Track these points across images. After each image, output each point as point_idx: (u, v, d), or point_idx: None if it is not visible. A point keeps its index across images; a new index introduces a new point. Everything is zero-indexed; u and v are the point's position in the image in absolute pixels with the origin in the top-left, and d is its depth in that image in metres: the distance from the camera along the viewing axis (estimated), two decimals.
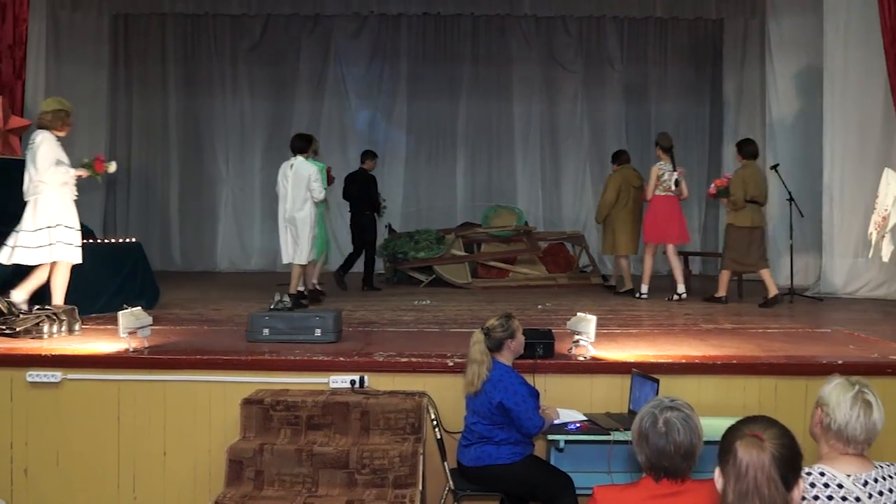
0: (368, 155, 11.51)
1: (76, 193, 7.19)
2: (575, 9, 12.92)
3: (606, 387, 5.50)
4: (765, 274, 9.28)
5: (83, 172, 7.27)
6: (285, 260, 9.29)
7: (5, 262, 6.88)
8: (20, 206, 8.24)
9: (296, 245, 9.07)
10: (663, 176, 9.74)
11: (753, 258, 9.27)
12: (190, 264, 14.36)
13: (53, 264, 6.92)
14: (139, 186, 14.57)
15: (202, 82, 14.66)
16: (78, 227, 7.10)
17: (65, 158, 7.10)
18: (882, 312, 8.70)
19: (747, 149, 9.42)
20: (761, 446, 2.24)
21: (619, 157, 10.89)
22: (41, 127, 7.08)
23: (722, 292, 9.38)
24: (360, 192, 11.07)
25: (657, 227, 9.87)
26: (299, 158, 9.22)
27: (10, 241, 6.88)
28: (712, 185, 9.56)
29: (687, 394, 4.33)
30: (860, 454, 2.79)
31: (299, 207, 9.06)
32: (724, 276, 9.43)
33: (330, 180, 9.91)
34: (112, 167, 7.52)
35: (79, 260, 7.06)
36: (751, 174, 9.25)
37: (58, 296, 7.00)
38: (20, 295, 6.85)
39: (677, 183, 9.73)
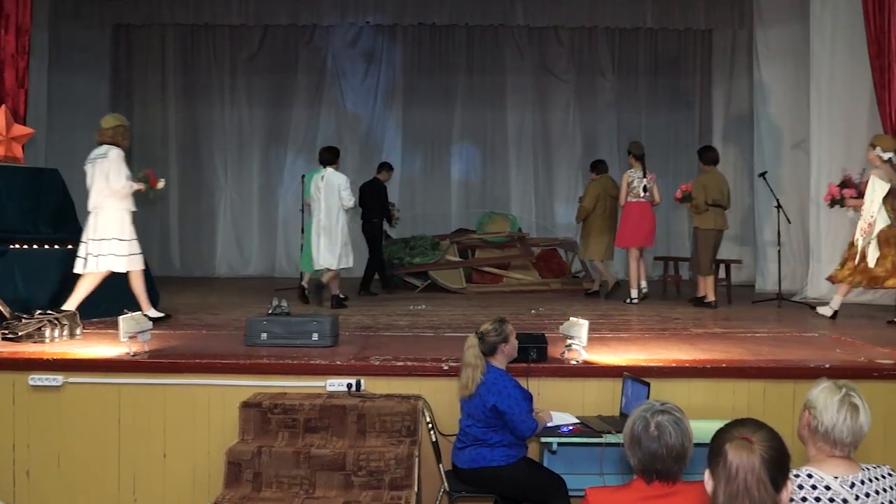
0: (384, 167, 11.66)
1: (134, 207, 7.62)
2: (567, 20, 12.96)
3: (598, 390, 5.50)
4: (708, 280, 9.57)
5: (142, 187, 7.71)
6: (316, 266, 9.39)
7: (81, 271, 7.36)
8: (23, 211, 8.28)
9: (330, 252, 9.23)
10: (633, 182, 9.93)
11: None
12: (189, 270, 14.35)
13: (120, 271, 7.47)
14: (139, 194, 14.49)
15: (201, 92, 14.66)
16: (132, 236, 7.56)
17: (129, 173, 7.52)
18: (868, 317, 8.70)
19: (707, 155, 9.73)
20: (751, 449, 2.24)
21: (598, 167, 11.13)
22: (104, 143, 7.47)
23: (711, 297, 9.45)
24: (371, 202, 11.11)
25: (629, 232, 10.07)
26: (329, 170, 9.42)
27: (82, 251, 7.39)
28: (678, 190, 9.77)
29: (677, 397, 4.35)
30: (847, 456, 2.79)
31: (334, 216, 9.25)
32: (710, 282, 9.52)
33: None
34: (161, 184, 7.98)
35: (123, 269, 7.48)
36: (711, 179, 9.51)
37: (74, 300, 7.30)
38: (151, 311, 7.52)
39: (646, 188, 9.91)
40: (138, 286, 7.64)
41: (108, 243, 7.35)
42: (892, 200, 8.15)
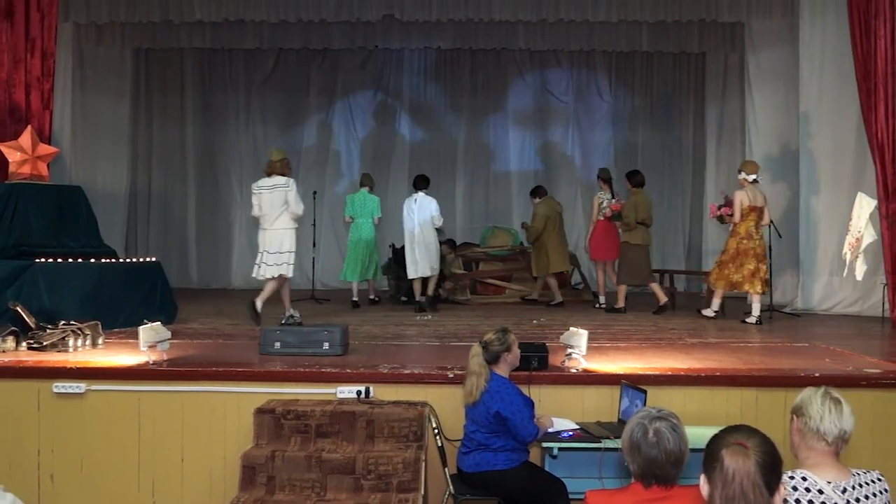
0: (449, 242, 12.18)
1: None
2: (566, 43, 12.96)
3: (597, 397, 5.50)
4: (654, 287, 10.12)
5: None
6: (411, 275, 10.30)
7: (257, 276, 8.52)
8: (48, 226, 8.30)
9: (426, 262, 10.15)
10: (602, 203, 10.47)
11: (644, 273, 10.11)
12: (206, 282, 14.37)
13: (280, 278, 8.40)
14: (158, 209, 14.58)
15: (218, 112, 14.73)
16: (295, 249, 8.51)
17: None
18: (856, 328, 8.68)
19: (636, 178, 10.28)
20: (746, 454, 2.24)
21: (539, 192, 11.44)
22: (274, 173, 8.53)
23: (621, 304, 10.04)
24: None
25: (598, 247, 10.61)
26: (420, 194, 10.37)
27: (259, 260, 8.46)
28: (609, 210, 10.29)
29: (673, 404, 4.35)
30: (837, 458, 2.80)
31: (426, 232, 10.16)
32: (623, 290, 10.11)
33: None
34: None
35: (291, 274, 8.56)
36: (640, 200, 10.06)
37: (287, 303, 8.54)
38: (259, 304, 8.34)
39: None
40: (287, 289, 8.60)
41: (285, 255, 8.32)
42: (755, 218, 8.79)
